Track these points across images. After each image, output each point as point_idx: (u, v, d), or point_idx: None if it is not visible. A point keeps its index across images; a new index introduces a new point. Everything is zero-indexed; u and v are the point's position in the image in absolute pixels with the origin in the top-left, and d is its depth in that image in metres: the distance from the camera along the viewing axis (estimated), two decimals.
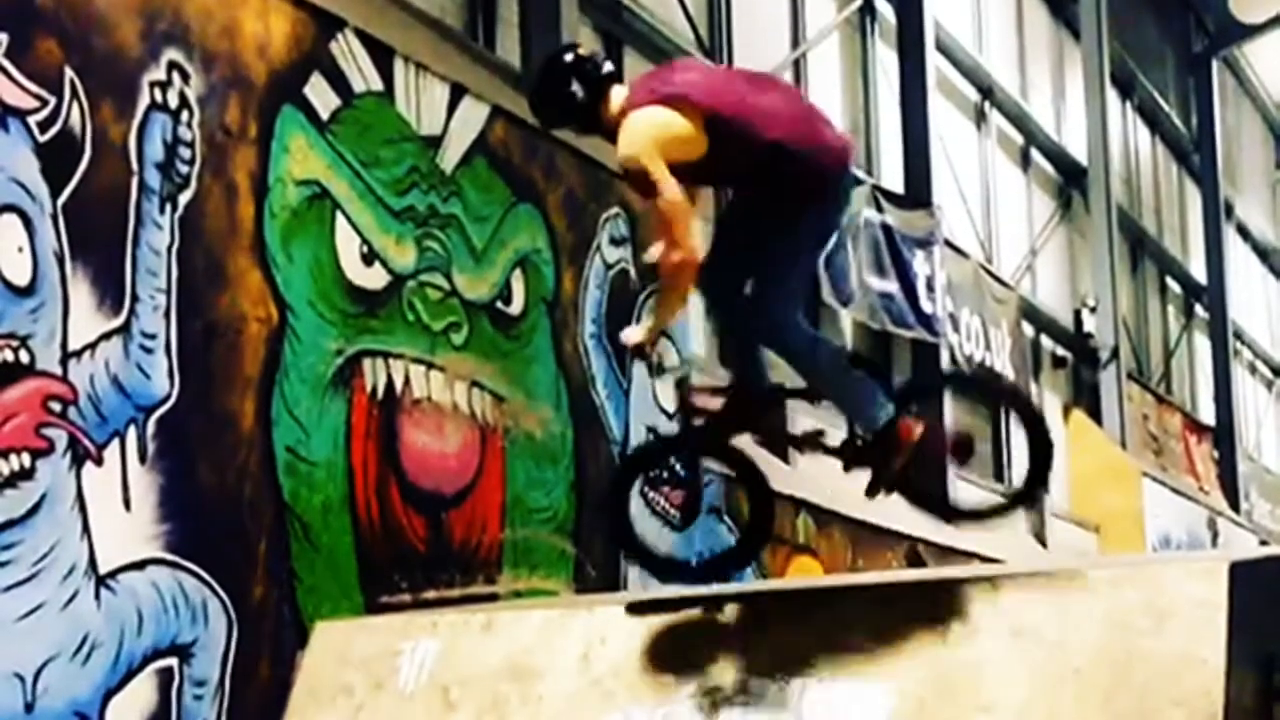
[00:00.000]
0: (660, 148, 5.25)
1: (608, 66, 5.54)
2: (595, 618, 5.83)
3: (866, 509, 12.81)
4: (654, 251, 5.37)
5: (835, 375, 5.63)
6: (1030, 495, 6.36)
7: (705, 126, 5.27)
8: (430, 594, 7.85)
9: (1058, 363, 20.13)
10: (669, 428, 9.53)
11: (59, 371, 6.13)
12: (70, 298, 6.21)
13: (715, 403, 5.76)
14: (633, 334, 5.70)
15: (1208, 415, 25.29)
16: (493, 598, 8.21)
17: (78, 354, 6.22)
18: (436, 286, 8.28)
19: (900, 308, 14.89)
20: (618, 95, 5.43)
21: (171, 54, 6.82)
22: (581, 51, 5.59)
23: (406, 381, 7.98)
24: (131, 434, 6.42)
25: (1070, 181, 20.79)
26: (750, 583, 10.21)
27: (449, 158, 8.49)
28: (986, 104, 18.47)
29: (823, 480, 12.69)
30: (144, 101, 6.66)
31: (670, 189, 5.22)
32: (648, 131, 5.27)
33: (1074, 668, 4.69)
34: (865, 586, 5.53)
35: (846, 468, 5.78)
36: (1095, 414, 20.04)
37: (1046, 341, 19.90)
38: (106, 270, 6.39)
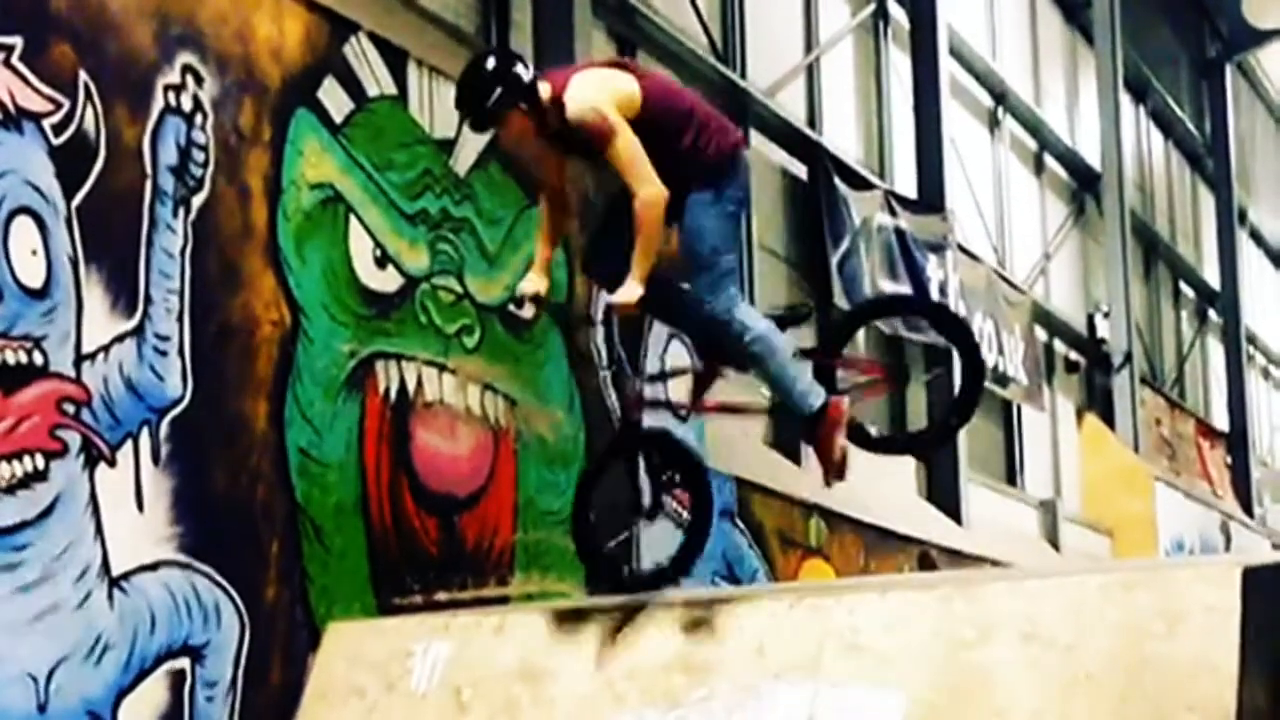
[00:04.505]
0: (612, 99, 5.61)
1: (526, 71, 5.80)
2: (607, 620, 5.84)
3: (879, 513, 12.81)
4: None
5: (779, 361, 5.79)
6: (957, 424, 6.29)
7: (640, 91, 5.71)
8: (442, 596, 7.85)
9: (1071, 367, 20.10)
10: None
11: (72, 373, 6.15)
12: (84, 300, 6.22)
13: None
14: (629, 292, 5.68)
15: (1221, 420, 25.24)
16: (504, 600, 8.22)
17: (91, 356, 6.23)
18: (449, 289, 8.29)
19: None
20: (544, 88, 5.77)
21: (185, 57, 6.84)
22: (496, 60, 5.89)
23: (419, 384, 7.99)
24: (144, 436, 6.43)
25: (1084, 186, 20.77)
26: (763, 586, 10.21)
27: (462, 161, 8.49)
28: (1000, 109, 18.46)
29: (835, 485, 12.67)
30: (158, 105, 6.67)
31: (626, 131, 5.55)
32: (602, 84, 5.68)
33: (1086, 672, 4.68)
34: (877, 591, 5.53)
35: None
36: (1108, 419, 20.01)
37: (1060, 346, 19.88)
38: (120, 273, 6.40)
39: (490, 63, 5.81)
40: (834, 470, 5.86)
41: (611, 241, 5.83)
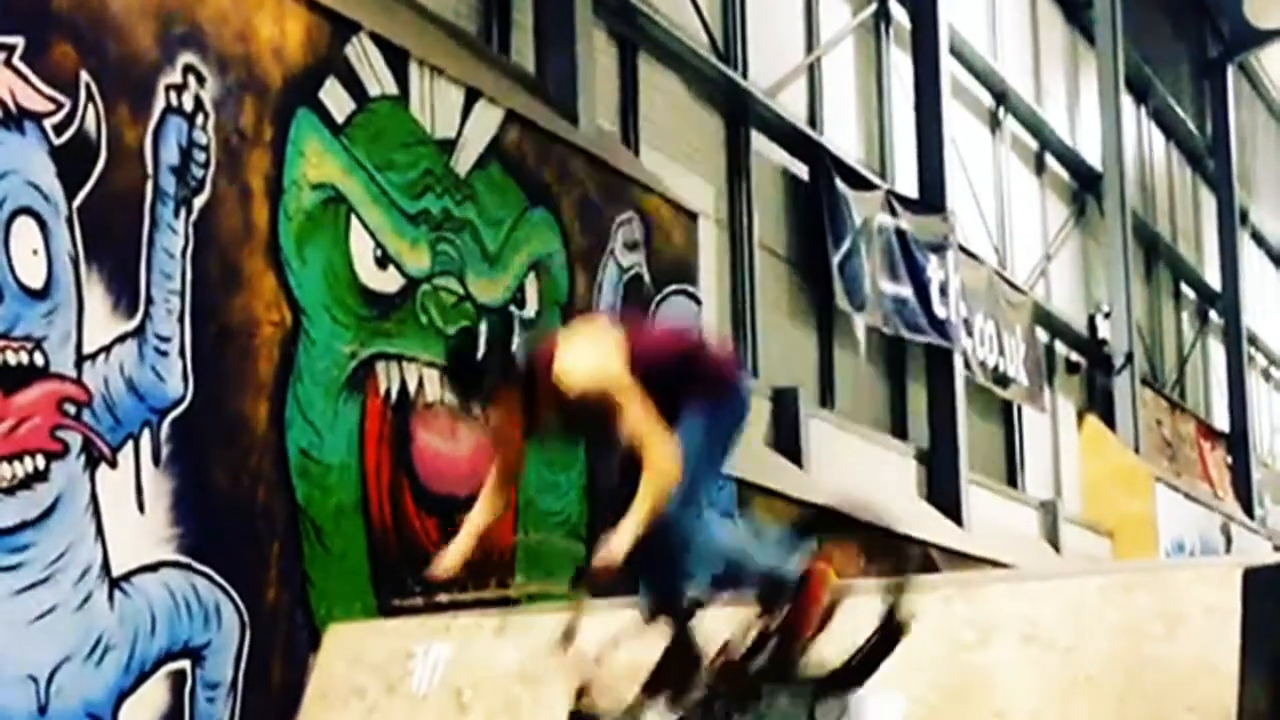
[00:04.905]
0: (611, 363, 5.06)
1: (518, 349, 5.30)
2: (608, 622, 5.83)
3: (879, 514, 12.77)
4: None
5: (745, 558, 5.31)
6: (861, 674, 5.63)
7: (627, 351, 5.12)
8: (442, 597, 7.85)
9: (1072, 368, 20.10)
10: None
11: (73, 374, 6.15)
12: (85, 300, 6.22)
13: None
14: (620, 545, 5.05)
15: (1222, 421, 25.23)
16: (505, 601, 8.21)
17: (92, 357, 6.23)
18: (450, 290, 8.29)
19: (914, 312, 14.87)
20: (536, 365, 5.20)
21: (187, 57, 6.83)
22: (486, 346, 5.28)
23: (420, 385, 7.99)
24: (145, 436, 6.43)
25: (1085, 187, 20.76)
26: None
27: (463, 161, 8.49)
28: (1001, 109, 18.45)
29: (835, 485, 12.66)
30: (159, 105, 6.67)
31: (636, 401, 5.03)
32: (595, 351, 5.13)
33: (1086, 674, 4.69)
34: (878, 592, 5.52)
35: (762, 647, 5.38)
36: (1109, 420, 20.00)
37: (1060, 347, 19.87)
38: (121, 273, 6.40)
39: (480, 349, 5.25)
40: (815, 632, 5.18)
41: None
